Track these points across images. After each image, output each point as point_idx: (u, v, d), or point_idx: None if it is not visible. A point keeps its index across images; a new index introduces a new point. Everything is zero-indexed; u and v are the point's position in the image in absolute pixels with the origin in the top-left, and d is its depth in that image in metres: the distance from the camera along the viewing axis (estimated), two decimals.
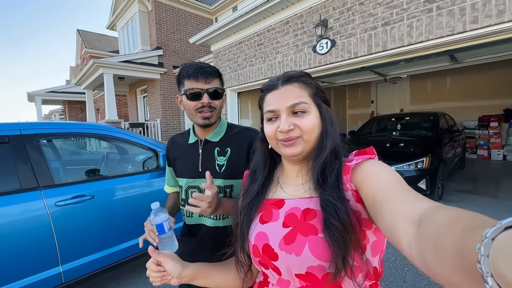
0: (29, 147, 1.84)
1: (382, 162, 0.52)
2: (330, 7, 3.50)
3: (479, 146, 6.98)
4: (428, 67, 4.90)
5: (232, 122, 1.11)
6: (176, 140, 1.08)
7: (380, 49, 3.04)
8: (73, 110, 14.85)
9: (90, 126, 2.21)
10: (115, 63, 7.90)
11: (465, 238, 0.24)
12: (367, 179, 0.49)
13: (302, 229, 0.53)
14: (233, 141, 0.97)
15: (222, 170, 0.94)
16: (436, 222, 0.30)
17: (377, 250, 0.54)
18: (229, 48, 5.25)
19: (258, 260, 0.59)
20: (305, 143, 0.57)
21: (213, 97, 0.91)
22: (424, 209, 0.34)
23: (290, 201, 0.60)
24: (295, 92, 0.58)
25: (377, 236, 0.53)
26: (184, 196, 1.00)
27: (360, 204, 0.51)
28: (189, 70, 0.89)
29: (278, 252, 0.54)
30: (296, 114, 0.57)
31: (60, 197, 1.84)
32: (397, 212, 0.38)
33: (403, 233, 0.35)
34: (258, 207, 0.64)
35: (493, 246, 0.20)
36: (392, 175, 0.48)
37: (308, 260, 0.50)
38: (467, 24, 2.45)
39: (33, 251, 1.72)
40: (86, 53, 15.10)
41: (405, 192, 0.42)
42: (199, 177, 0.96)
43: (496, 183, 4.55)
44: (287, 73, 0.61)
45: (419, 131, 4.65)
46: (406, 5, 2.82)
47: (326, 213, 0.50)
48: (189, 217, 1.01)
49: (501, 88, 6.73)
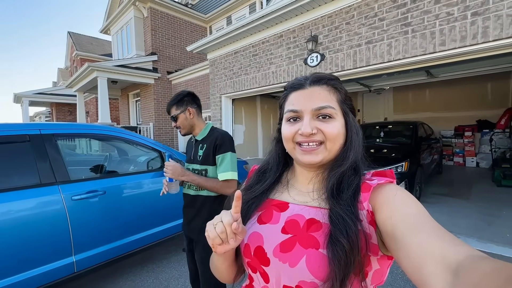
0: (48, 145, 2.00)
1: (406, 190, 0.49)
2: (320, 25, 3.86)
3: (456, 154, 7.52)
4: (408, 80, 5.36)
5: (216, 126, 1.69)
6: (190, 138, 1.60)
7: (364, 64, 3.40)
8: (61, 112, 14.60)
9: (107, 128, 2.40)
10: (110, 67, 8.00)
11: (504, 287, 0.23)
12: (389, 205, 0.45)
13: (303, 240, 0.49)
14: (208, 139, 1.42)
15: (200, 159, 1.42)
16: (478, 272, 0.28)
17: (377, 280, 0.50)
18: (225, 57, 5.53)
19: (248, 262, 0.55)
20: (327, 152, 0.53)
21: (174, 121, 1.45)
22: (465, 256, 0.32)
23: (295, 206, 0.56)
24: (323, 95, 0.54)
25: (381, 265, 0.49)
26: None
27: (373, 227, 0.47)
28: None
29: (271, 258, 0.51)
30: (321, 119, 0.53)
31: (75, 191, 2.01)
32: (429, 252, 0.35)
33: (436, 277, 0.32)
34: (259, 204, 0.60)
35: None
36: (419, 206, 0.44)
37: (302, 274, 0.46)
38: (437, 46, 2.84)
39: (50, 241, 1.86)
40: (76, 56, 14.98)
41: (436, 229, 0.38)
42: (190, 162, 1.50)
43: (469, 187, 4.99)
44: (316, 74, 0.58)
45: (400, 138, 5.04)
46: (386, 27, 3.20)
47: (335, 227, 0.46)
48: (184, 188, 1.52)
49: (475, 100, 7.34)
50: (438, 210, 3.77)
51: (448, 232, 0.38)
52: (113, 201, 2.20)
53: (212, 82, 5.95)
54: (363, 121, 9.52)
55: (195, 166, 1.45)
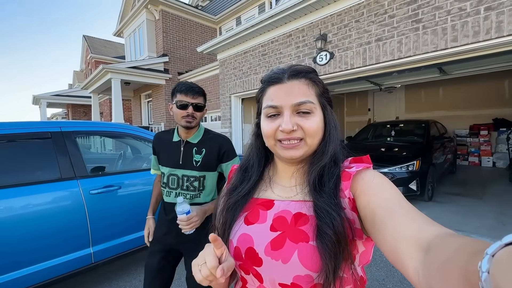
0: (68, 142, 2.11)
1: (382, 174, 0.50)
2: (329, 23, 3.86)
3: (470, 153, 7.30)
4: (419, 78, 5.27)
5: (208, 128, 1.45)
6: (162, 136, 1.37)
7: (373, 61, 3.39)
8: (77, 113, 15.12)
9: (124, 126, 2.50)
10: (123, 68, 8.24)
11: (470, 261, 0.24)
12: (368, 191, 0.47)
13: (292, 235, 0.50)
14: (208, 144, 1.27)
15: (198, 165, 1.25)
16: (446, 249, 0.29)
17: (364, 260, 0.52)
18: (234, 57, 5.61)
19: (239, 264, 0.54)
20: (307, 147, 0.53)
21: (195, 109, 1.20)
22: (434, 235, 0.33)
23: (280, 202, 0.56)
24: (302, 90, 0.53)
25: (366, 246, 0.51)
26: (165, 180, 1.30)
27: (355, 213, 0.49)
28: (182, 87, 1.19)
29: (262, 258, 0.50)
30: (300, 114, 0.53)
31: (93, 186, 2.11)
32: (403, 234, 0.36)
33: (410, 257, 0.34)
34: (244, 206, 0.59)
35: (493, 262, 0.20)
36: (394, 190, 0.46)
37: (296, 269, 0.47)
38: (449, 42, 2.80)
39: (70, 233, 1.96)
40: (91, 58, 15.48)
41: (410, 212, 0.40)
42: (178, 167, 1.26)
43: (483, 187, 4.85)
44: (294, 67, 0.56)
45: (411, 137, 4.96)
46: (396, 24, 3.18)
47: (321, 221, 0.47)
48: (167, 196, 1.30)
49: (491, 98, 7.10)
50: (451, 209, 3.69)
51: (421, 214, 0.39)
52: (127, 195, 2.30)
53: (221, 82, 6.04)
54: (373, 120, 9.38)
55: (188, 172, 1.25)
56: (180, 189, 1.27)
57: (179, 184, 1.27)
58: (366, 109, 9.94)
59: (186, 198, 1.27)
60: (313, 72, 0.57)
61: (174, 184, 1.28)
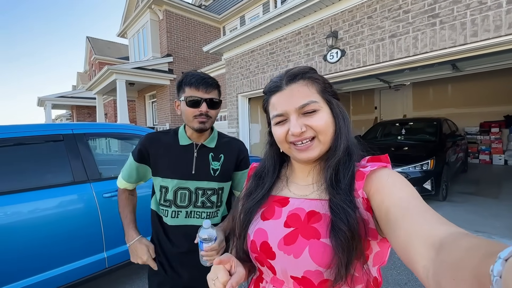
0: (80, 144, 2.06)
1: (398, 173, 0.50)
2: (340, 20, 3.78)
3: (481, 151, 7.17)
4: (431, 75, 5.16)
5: (234, 129, 1.26)
6: (160, 138, 1.04)
7: (387, 58, 3.30)
8: (81, 114, 15.17)
9: (136, 128, 2.45)
10: (128, 69, 8.22)
11: (483, 263, 0.23)
12: (382, 190, 0.47)
13: (304, 232, 0.51)
14: (226, 149, 1.06)
15: (216, 174, 1.02)
16: (458, 248, 0.29)
17: (379, 261, 0.53)
18: (241, 56, 5.54)
19: (255, 257, 0.57)
20: (321, 145, 0.54)
21: (210, 106, 0.96)
22: (447, 234, 0.33)
23: (295, 200, 0.58)
24: (302, 91, 0.54)
25: (381, 247, 0.51)
26: (171, 197, 1.00)
27: (369, 213, 0.49)
28: (191, 79, 0.93)
29: (276, 252, 0.53)
30: (306, 114, 0.53)
31: (105, 189, 2.06)
32: (415, 232, 0.36)
33: (421, 255, 0.34)
34: (263, 203, 0.61)
35: (505, 267, 0.20)
36: (410, 189, 0.46)
37: (306, 264, 0.48)
38: (468, 37, 2.71)
39: (84, 238, 1.92)
40: (95, 60, 15.52)
41: (424, 211, 0.40)
42: (191, 179, 0.99)
43: (497, 185, 4.74)
44: (290, 71, 0.57)
45: (423, 135, 4.86)
46: (411, 19, 3.08)
47: (336, 217, 0.48)
48: (174, 218, 1.01)
49: (501, 95, 6.96)
50: (467, 209, 3.60)
51: (436, 213, 0.39)
52: (140, 198, 2.24)
53: (228, 81, 5.98)
54: (380, 119, 9.26)
55: (204, 184, 1.01)
56: (193, 206, 1.00)
57: (191, 200, 1.00)
58: (373, 108, 9.82)
59: (201, 218, 1.02)
60: (310, 71, 0.57)
61: (184, 200, 1.00)
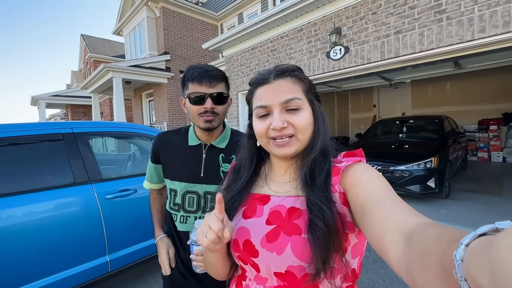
0: (80, 144, 1.98)
1: (371, 167, 0.51)
2: (344, 16, 3.72)
3: (480, 149, 7.21)
4: (432, 72, 5.15)
5: (235, 128, 1.10)
6: (170, 138, 0.99)
7: (392, 55, 3.26)
8: (76, 113, 14.93)
9: (139, 127, 2.36)
10: (124, 67, 8.07)
11: (447, 250, 0.25)
12: (357, 184, 0.48)
13: (286, 228, 0.52)
14: (236, 149, 0.97)
15: None
16: (426, 237, 0.30)
17: (357, 253, 0.54)
18: (241, 54, 5.46)
19: (238, 255, 0.57)
20: (299, 143, 0.55)
21: (216, 102, 0.87)
22: (416, 224, 0.34)
23: (275, 198, 0.58)
24: (289, 87, 0.55)
25: (359, 239, 0.53)
26: (180, 201, 0.94)
27: (346, 207, 0.50)
28: (193, 73, 0.86)
29: (259, 249, 0.53)
30: (289, 111, 0.55)
31: (108, 190, 1.98)
32: (387, 223, 0.38)
33: (393, 244, 0.35)
34: (242, 201, 0.62)
35: (466, 252, 0.21)
36: (383, 182, 0.47)
37: (289, 260, 0.49)
38: (475, 33, 2.67)
39: (86, 241, 1.84)
40: (90, 58, 15.26)
41: (396, 203, 0.41)
42: (200, 182, 0.92)
43: (498, 182, 4.75)
44: (279, 66, 0.59)
45: (425, 133, 4.85)
46: (417, 15, 3.04)
47: (312, 213, 0.49)
48: (182, 223, 0.96)
49: (500, 93, 7.00)
50: (471, 207, 3.59)
51: (406, 205, 0.41)
52: (143, 198, 2.17)
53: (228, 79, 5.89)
54: (379, 117, 9.27)
55: (213, 188, 0.92)
56: (201, 212, 0.94)
57: (200, 205, 0.94)
58: (371, 106, 9.83)
59: None
60: (298, 70, 0.59)
61: (193, 205, 0.94)
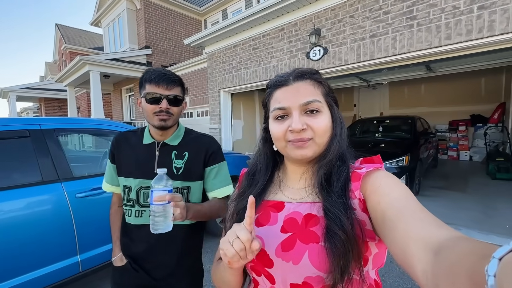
0: (49, 141, 1.91)
1: (392, 174, 0.50)
2: (323, 18, 3.81)
3: (450, 148, 7.67)
4: (407, 75, 5.40)
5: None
6: (127, 138, 1.05)
7: (368, 58, 3.39)
8: (50, 107, 14.18)
9: (114, 124, 2.30)
10: (102, 60, 7.77)
11: (478, 264, 0.24)
12: (378, 191, 0.46)
13: (303, 236, 0.50)
14: (191, 146, 1.01)
15: (179, 173, 0.98)
16: (455, 252, 0.29)
17: (378, 263, 0.52)
18: (224, 51, 5.43)
19: (251, 266, 0.54)
20: (316, 146, 0.54)
21: (172, 103, 0.93)
22: (444, 238, 0.33)
23: (290, 204, 0.56)
24: (309, 90, 0.54)
25: (379, 248, 0.51)
26: (134, 196, 0.98)
27: (366, 214, 0.48)
28: (151, 75, 0.91)
29: (273, 259, 0.51)
30: (308, 114, 0.53)
31: (79, 189, 1.93)
32: (412, 235, 0.36)
33: (418, 258, 0.33)
34: (255, 208, 0.58)
35: (499, 266, 0.20)
36: (405, 190, 0.46)
37: (307, 270, 0.47)
38: (442, 40, 2.84)
39: (54, 241, 1.80)
40: (65, 49, 14.50)
41: (419, 212, 0.40)
42: (153, 177, 0.92)
43: (464, 180, 5.09)
44: (298, 69, 0.58)
45: (399, 133, 5.08)
46: (391, 20, 3.18)
47: (329, 220, 0.47)
48: (138, 217, 0.98)
49: (469, 95, 7.46)
50: (437, 203, 3.83)
51: (431, 215, 0.39)
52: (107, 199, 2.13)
53: (210, 76, 5.85)
54: (359, 116, 9.58)
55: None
56: None
57: None
58: (352, 105, 10.13)
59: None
60: (317, 73, 0.58)
61: (148, 200, 0.97)
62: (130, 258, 1.02)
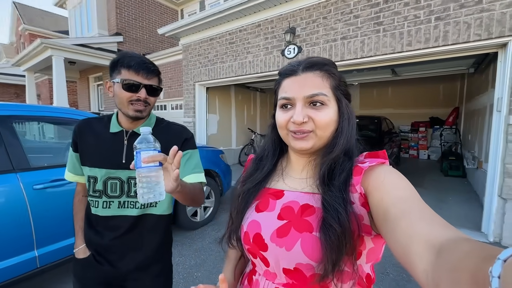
0: (2, 129, 1.78)
1: (397, 170, 0.49)
2: (298, 17, 3.90)
3: (411, 147, 8.31)
4: (375, 77, 5.73)
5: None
6: (91, 125, 0.99)
7: (339, 58, 3.55)
8: (6, 94, 12.87)
9: (77, 112, 2.18)
10: (67, 45, 7.20)
11: (481, 266, 0.24)
12: (381, 187, 0.46)
13: (297, 224, 0.52)
14: (164, 134, 0.96)
15: None
16: (457, 252, 0.29)
17: (373, 257, 0.53)
18: (200, 44, 5.34)
19: (248, 248, 0.58)
20: (317, 138, 0.54)
21: (150, 93, 0.91)
22: (447, 238, 0.33)
23: (289, 193, 0.58)
24: (316, 82, 0.54)
25: (375, 243, 0.51)
26: (101, 187, 0.94)
27: (365, 209, 0.48)
28: (130, 61, 0.86)
29: (268, 243, 0.53)
30: (313, 106, 0.53)
31: (37, 180, 1.82)
32: (415, 233, 0.36)
33: (420, 257, 0.33)
34: (257, 194, 0.62)
35: (504, 268, 0.20)
36: (409, 188, 0.45)
37: (298, 257, 0.49)
38: (404, 46, 3.07)
39: (9, 235, 1.69)
40: (24, 30, 13.19)
41: (423, 211, 0.39)
42: (121, 168, 0.93)
43: (423, 176, 5.56)
44: (310, 59, 0.57)
45: (366, 131, 5.40)
46: (360, 24, 3.36)
47: (327, 213, 0.48)
48: (105, 208, 0.95)
49: (429, 99, 8.12)
50: None
51: (435, 214, 0.39)
52: None
53: (185, 68, 5.71)
54: None
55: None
56: (126, 196, 0.94)
57: (124, 190, 0.94)
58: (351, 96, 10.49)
59: (136, 208, 0.94)
60: (330, 64, 0.57)
61: (116, 190, 0.94)
62: (95, 251, 0.99)
